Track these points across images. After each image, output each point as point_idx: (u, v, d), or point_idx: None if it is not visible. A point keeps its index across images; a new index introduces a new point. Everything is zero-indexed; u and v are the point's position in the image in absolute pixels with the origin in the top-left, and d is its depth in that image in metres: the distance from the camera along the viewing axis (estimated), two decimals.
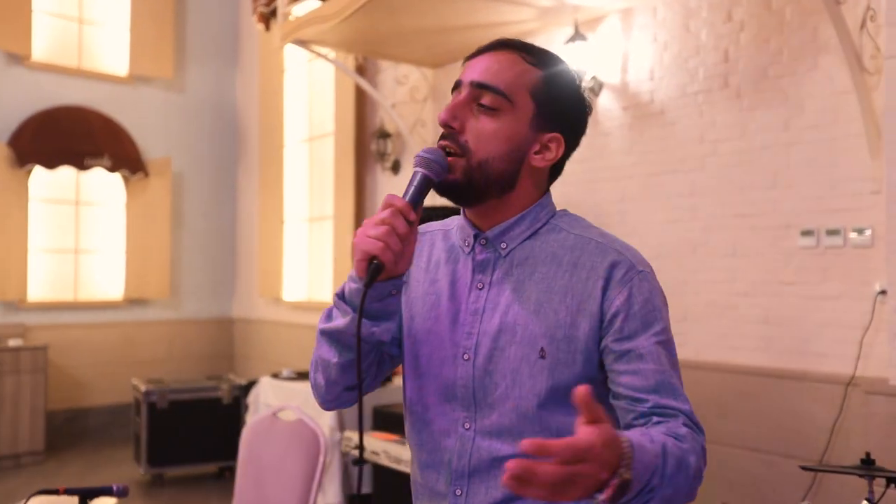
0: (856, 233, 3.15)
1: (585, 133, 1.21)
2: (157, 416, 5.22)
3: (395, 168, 5.68)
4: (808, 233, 3.31)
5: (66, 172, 6.82)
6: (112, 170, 6.81)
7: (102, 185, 7.10)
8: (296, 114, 7.13)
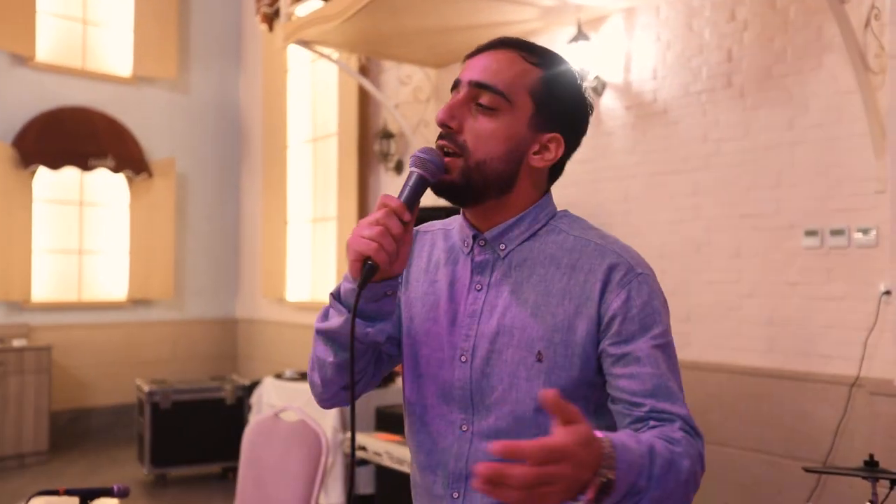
0: (860, 233, 3.13)
1: (586, 133, 1.20)
2: (160, 416, 5.22)
3: (399, 168, 5.67)
4: (812, 233, 3.29)
5: (70, 173, 6.82)
6: (116, 170, 6.81)
7: (106, 186, 7.10)
8: (299, 114, 7.13)
